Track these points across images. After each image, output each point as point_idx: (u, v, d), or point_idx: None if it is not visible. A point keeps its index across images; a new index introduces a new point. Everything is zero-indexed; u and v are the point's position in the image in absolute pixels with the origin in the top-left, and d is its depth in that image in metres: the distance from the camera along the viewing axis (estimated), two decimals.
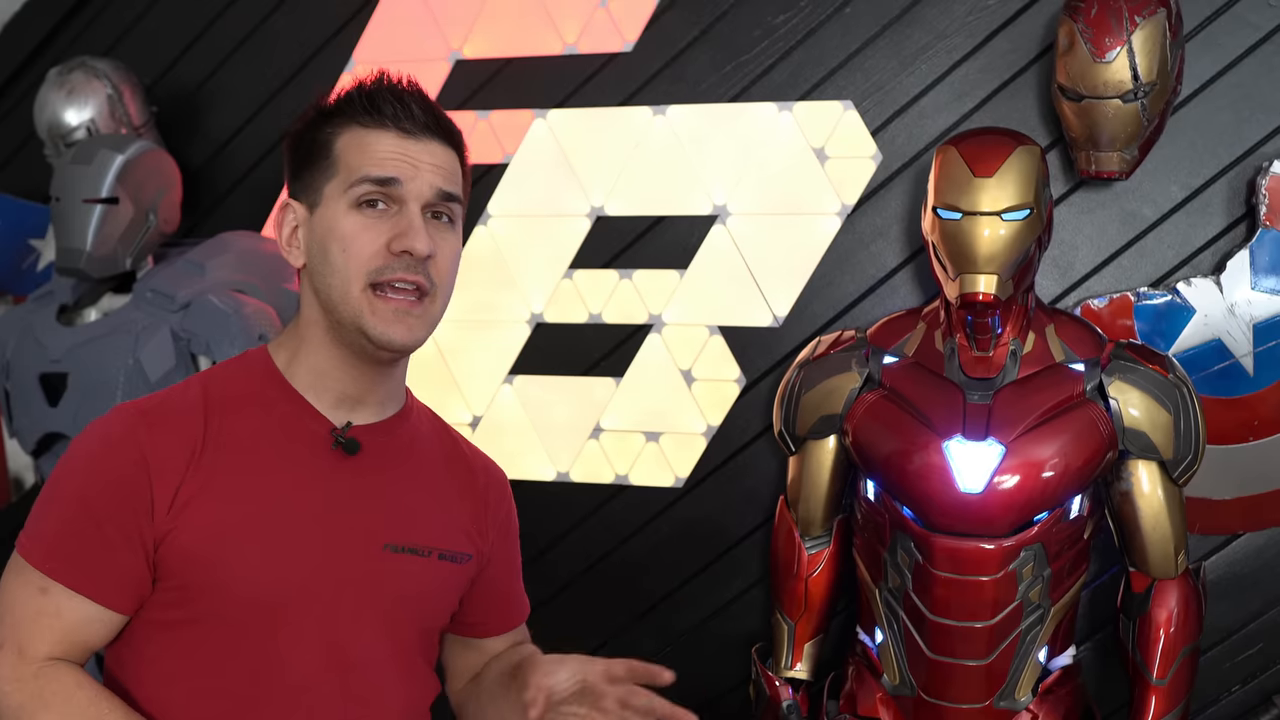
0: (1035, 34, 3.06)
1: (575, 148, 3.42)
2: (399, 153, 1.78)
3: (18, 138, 3.98)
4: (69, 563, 1.72)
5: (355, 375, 1.84)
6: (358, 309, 1.76)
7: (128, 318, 3.26)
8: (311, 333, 1.84)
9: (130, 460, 1.73)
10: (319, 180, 1.81)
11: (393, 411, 1.92)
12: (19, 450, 3.69)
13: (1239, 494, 2.95)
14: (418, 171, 1.78)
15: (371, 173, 1.76)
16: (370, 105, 1.80)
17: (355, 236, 1.76)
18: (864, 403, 2.77)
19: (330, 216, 1.78)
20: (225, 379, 1.87)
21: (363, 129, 1.79)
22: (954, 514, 2.60)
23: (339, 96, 1.84)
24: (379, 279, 1.75)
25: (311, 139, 1.83)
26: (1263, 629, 3.03)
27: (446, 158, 1.83)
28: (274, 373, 1.86)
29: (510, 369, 3.48)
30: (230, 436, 1.78)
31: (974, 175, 2.56)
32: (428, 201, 1.79)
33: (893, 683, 2.77)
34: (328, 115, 1.83)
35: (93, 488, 1.74)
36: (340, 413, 1.85)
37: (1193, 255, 2.99)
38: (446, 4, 3.53)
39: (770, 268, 3.27)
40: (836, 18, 3.21)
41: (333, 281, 1.77)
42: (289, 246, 1.85)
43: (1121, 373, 2.63)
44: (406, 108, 1.80)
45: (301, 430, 1.82)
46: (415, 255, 1.75)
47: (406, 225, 1.75)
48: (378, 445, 1.86)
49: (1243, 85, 2.94)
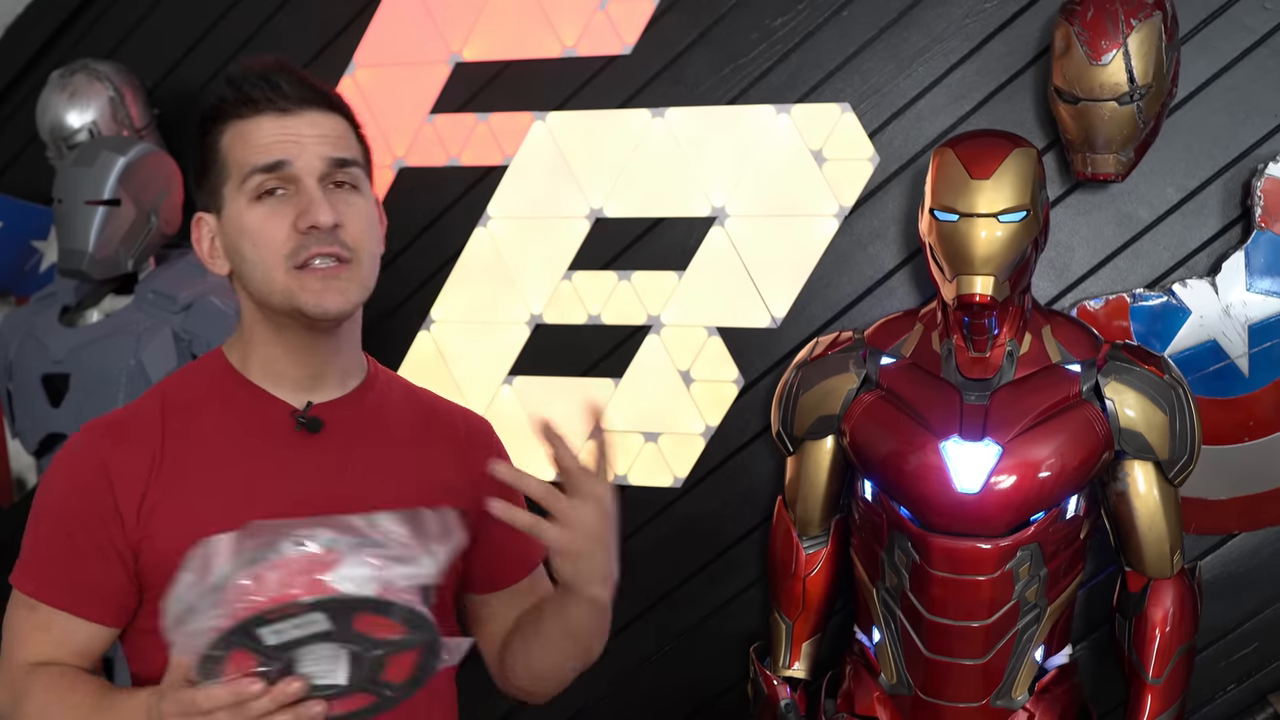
0: (1032, 37, 3.06)
1: (574, 150, 3.42)
2: (279, 133, 1.76)
3: (20, 140, 3.98)
4: (47, 581, 1.77)
5: (305, 357, 1.84)
6: (287, 292, 1.75)
7: (130, 319, 3.26)
8: (255, 331, 1.85)
9: (93, 474, 1.76)
10: (217, 185, 1.80)
11: (355, 384, 1.92)
12: (21, 451, 3.69)
13: (1234, 494, 2.95)
14: (303, 147, 1.76)
15: (258, 162, 1.75)
16: (241, 96, 1.78)
17: (261, 228, 1.76)
18: (861, 403, 2.76)
19: (235, 216, 1.78)
20: (183, 383, 1.90)
21: (241, 121, 1.78)
22: (951, 514, 2.60)
23: (213, 99, 1.83)
24: (297, 260, 1.74)
25: (201, 147, 1.83)
26: (1258, 628, 3.03)
27: (332, 124, 1.81)
28: (229, 370, 1.87)
29: (510, 370, 3.48)
30: (191, 437, 1.80)
31: (971, 177, 2.56)
32: (322, 173, 1.77)
33: (890, 682, 2.77)
34: (209, 120, 1.82)
35: (62, 504, 1.78)
36: (300, 395, 1.85)
37: (1188, 257, 2.99)
38: (446, 7, 3.52)
39: (768, 269, 3.27)
40: (834, 21, 3.21)
41: (256, 276, 1.78)
42: (211, 258, 1.84)
43: (1117, 373, 2.63)
44: (276, 86, 1.78)
45: (262, 418, 1.83)
46: (321, 228, 1.73)
47: (306, 202, 1.74)
48: (343, 418, 1.86)
49: (1238, 88, 2.94)
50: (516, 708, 3.35)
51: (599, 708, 3.46)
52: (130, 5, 3.87)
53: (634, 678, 3.45)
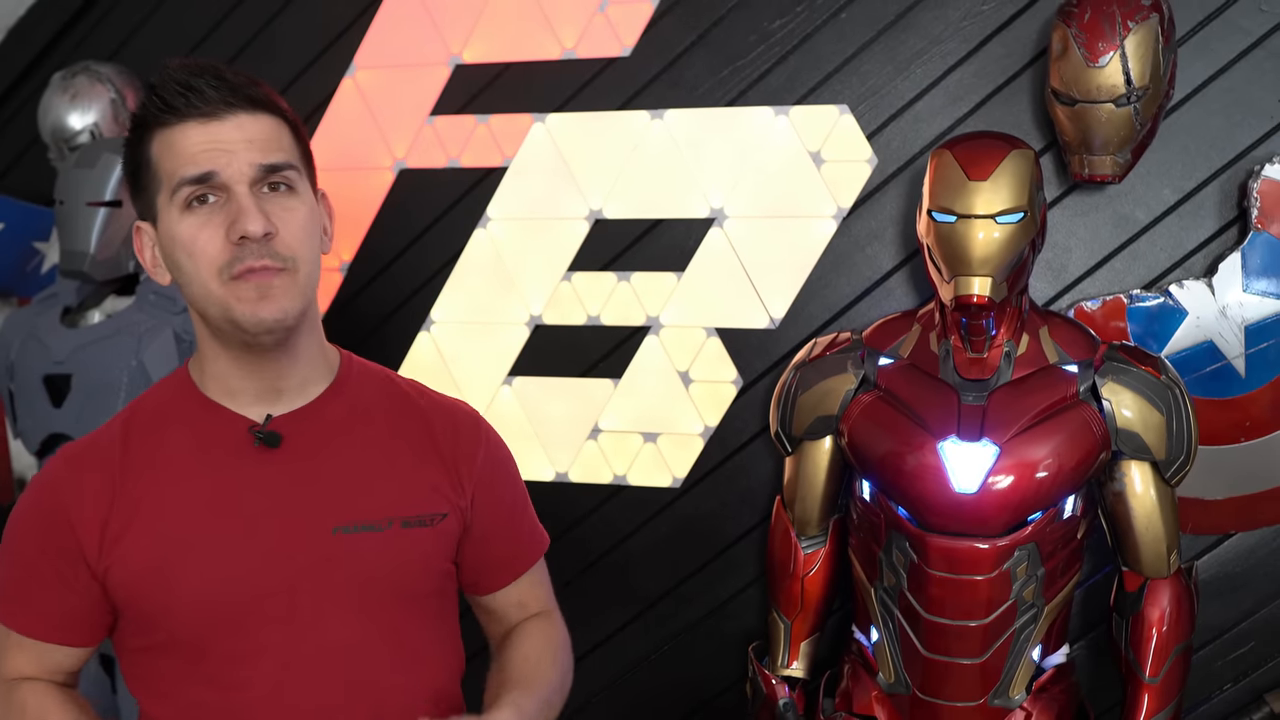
0: (1029, 39, 3.06)
1: (574, 151, 3.42)
2: (206, 142, 1.70)
3: (22, 141, 3.98)
4: (15, 609, 1.80)
5: (253, 369, 1.80)
6: (223, 303, 1.71)
7: (131, 319, 3.25)
8: (205, 346, 1.82)
9: (51, 509, 1.76)
10: (150, 195, 1.76)
11: (318, 392, 1.86)
12: (23, 451, 3.68)
13: (1231, 494, 2.95)
14: (232, 155, 1.70)
15: (186, 174, 1.70)
16: (163, 104, 1.72)
17: (194, 238, 1.70)
18: (859, 404, 2.76)
19: (168, 226, 1.73)
20: (150, 402, 1.88)
21: (166, 129, 1.72)
22: (949, 514, 2.60)
23: (138, 107, 1.78)
24: (232, 272, 1.69)
25: (133, 156, 1.78)
26: (1254, 628, 3.03)
27: (261, 127, 1.74)
28: (189, 386, 1.84)
29: (509, 370, 3.48)
30: (150, 460, 1.78)
31: (969, 179, 2.56)
32: (253, 179, 1.71)
33: (888, 681, 2.77)
34: (137, 128, 1.77)
35: (25, 536, 1.80)
36: (259, 408, 1.81)
37: (1185, 258, 2.99)
38: (446, 9, 3.52)
39: (767, 270, 3.27)
40: (832, 23, 3.21)
41: (193, 287, 1.73)
42: (154, 267, 1.80)
43: (1114, 374, 2.63)
44: (198, 92, 1.70)
45: (220, 435, 1.79)
46: (251, 238, 1.68)
47: (237, 211, 1.68)
48: (306, 430, 1.82)
49: (1234, 90, 2.94)
50: None
51: (598, 706, 3.46)
52: (132, 8, 3.87)
53: (633, 676, 3.45)
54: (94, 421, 3.13)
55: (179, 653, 1.76)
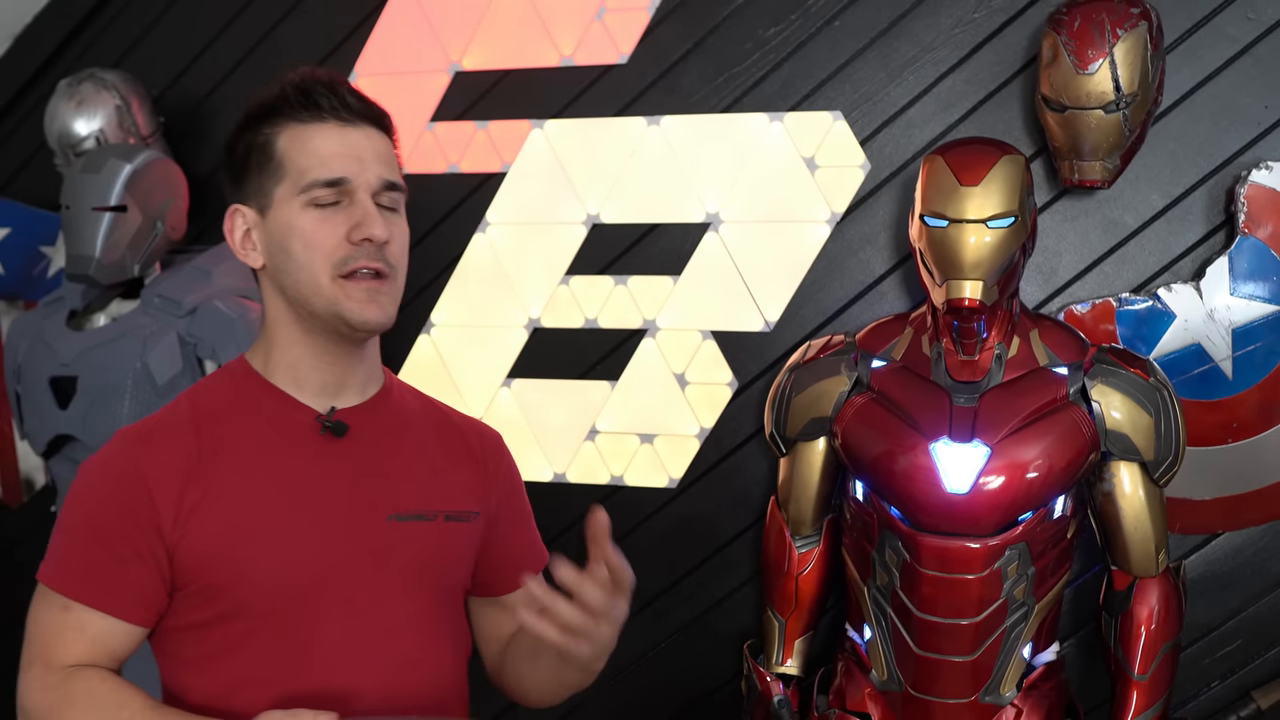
0: (1019, 46, 3.06)
1: (572, 157, 3.41)
2: (342, 147, 1.80)
3: (29, 147, 3.97)
4: (86, 582, 1.77)
5: (330, 362, 1.87)
6: (332, 298, 1.79)
7: (136, 323, 3.25)
8: (280, 331, 1.87)
9: (131, 481, 1.77)
10: (266, 184, 1.82)
11: (374, 392, 1.94)
12: (30, 452, 3.68)
13: (1218, 494, 2.95)
14: (363, 165, 1.80)
15: (320, 176, 1.78)
16: (306, 100, 1.82)
17: (315, 232, 1.78)
18: (853, 405, 2.76)
19: (286, 217, 1.80)
20: (211, 391, 1.92)
21: (301, 125, 1.81)
22: (940, 514, 2.59)
23: (271, 97, 1.85)
24: (345, 269, 1.78)
25: (250, 143, 1.85)
26: (1241, 626, 3.02)
27: (385, 145, 1.86)
28: (254, 376, 1.89)
29: (508, 373, 3.47)
30: (224, 442, 1.81)
31: (960, 184, 2.56)
32: (375, 190, 1.81)
33: (881, 678, 2.76)
34: (263, 117, 1.85)
35: (100, 511, 1.79)
36: (323, 400, 1.87)
37: (1173, 262, 2.99)
38: (446, 17, 3.52)
39: (761, 274, 3.27)
40: (826, 31, 3.21)
41: (300, 277, 1.80)
42: (244, 249, 1.86)
43: (1104, 376, 2.62)
44: (341, 98, 1.82)
45: (289, 422, 1.85)
46: (375, 241, 1.78)
47: (362, 215, 1.78)
48: (365, 424, 1.89)
49: (1222, 96, 2.94)
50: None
51: (595, 703, 3.45)
52: (136, 16, 3.87)
53: (630, 674, 3.44)
54: (99, 423, 3.16)
55: (237, 627, 1.78)
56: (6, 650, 4.18)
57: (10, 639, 4.21)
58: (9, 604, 4.06)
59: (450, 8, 3.52)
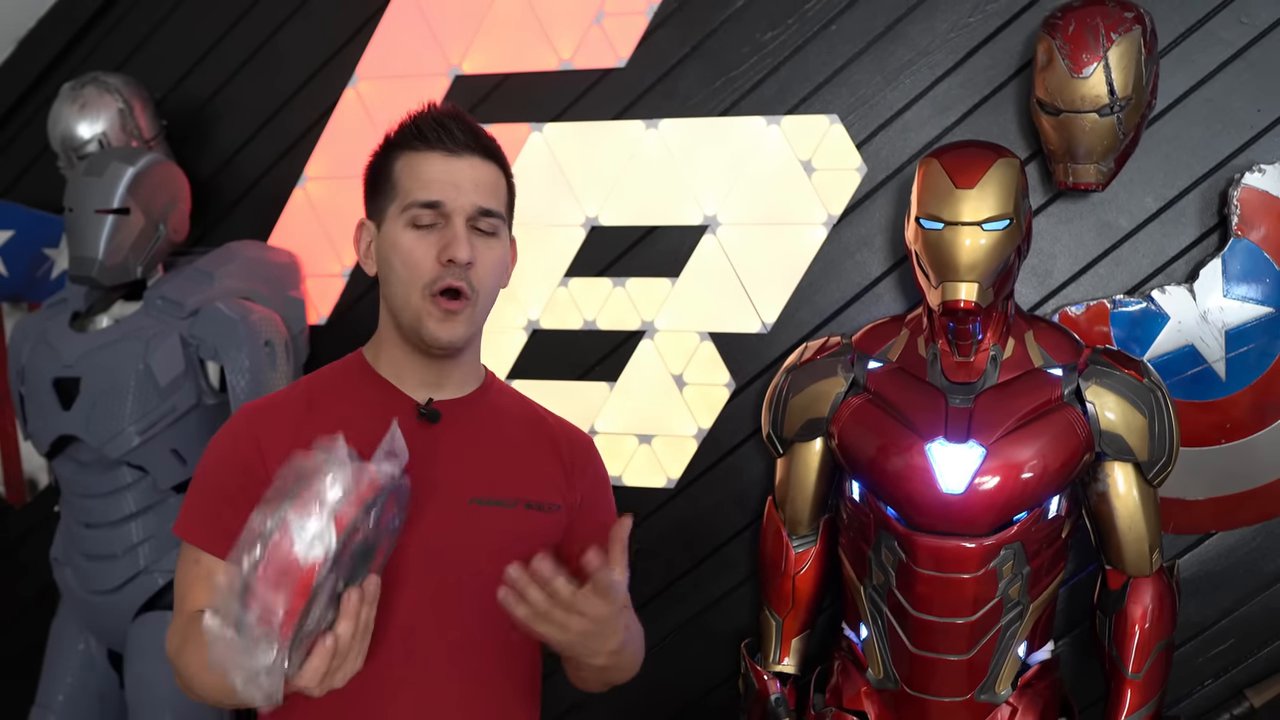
0: (1014, 50, 3.06)
1: (570, 160, 3.41)
2: (444, 173, 1.96)
3: (32, 150, 3.97)
4: (212, 534, 1.91)
5: (426, 364, 2.03)
6: (417, 314, 1.96)
7: (138, 324, 3.25)
8: (387, 333, 2.05)
9: (248, 443, 1.95)
10: (384, 203, 2.01)
11: (472, 389, 2.10)
12: (34, 452, 3.68)
13: (1211, 494, 2.95)
14: (460, 191, 1.96)
15: (420, 197, 1.95)
16: (417, 132, 1.99)
17: (411, 250, 1.95)
18: (849, 406, 2.76)
19: (392, 234, 1.98)
20: (325, 375, 2.11)
21: (414, 153, 1.98)
22: (936, 514, 2.59)
23: (397, 127, 2.03)
24: (434, 288, 1.94)
25: (378, 168, 2.04)
26: (1234, 625, 3.02)
27: (488, 172, 2.01)
28: (365, 366, 2.08)
29: (508, 374, 3.47)
30: (330, 416, 1.95)
31: (956, 187, 2.56)
32: (470, 215, 1.96)
33: (877, 676, 2.76)
34: (389, 147, 2.03)
35: (223, 470, 1.96)
36: (422, 393, 2.04)
37: (1167, 264, 2.99)
38: (446, 21, 3.52)
39: (759, 276, 3.27)
40: (822, 35, 3.21)
41: (397, 290, 1.98)
42: (366, 259, 2.06)
43: (1098, 377, 2.62)
44: (448, 130, 1.98)
45: (389, 405, 1.99)
46: (458, 262, 1.93)
47: (451, 237, 1.94)
48: (460, 415, 2.04)
49: (1215, 100, 2.94)
50: None
51: (594, 701, 3.45)
52: (139, 20, 3.87)
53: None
54: (102, 423, 3.16)
55: None
56: (12, 644, 4.19)
57: (16, 634, 4.23)
58: (14, 601, 4.07)
59: (450, 12, 3.52)
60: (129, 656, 3.24)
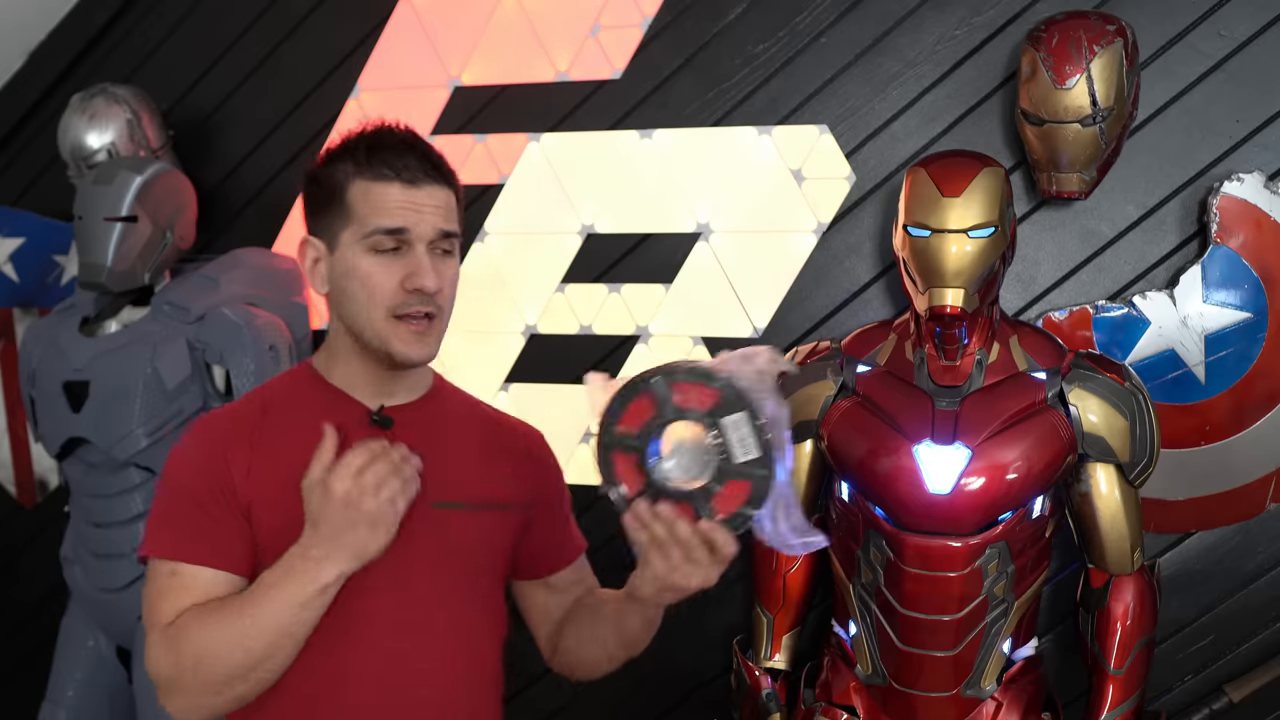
0: (999, 62, 3.06)
1: (567, 169, 3.41)
2: (405, 202, 1.90)
3: (43, 159, 3.97)
4: (186, 543, 1.85)
5: (380, 377, 1.98)
6: (382, 335, 1.91)
7: (146, 329, 3.25)
8: (341, 346, 1.99)
9: (209, 449, 1.90)
10: (335, 225, 1.93)
11: (423, 393, 2.06)
12: (44, 454, 3.67)
13: (1191, 495, 2.94)
14: (421, 217, 1.90)
15: (383, 224, 1.89)
16: (377, 162, 1.91)
17: (372, 275, 1.89)
18: (838, 409, 2.75)
19: (349, 259, 1.91)
20: (277, 386, 2.05)
21: (369, 183, 1.91)
22: (923, 514, 2.59)
23: (346, 143, 1.96)
24: (397, 312, 1.89)
25: (324, 184, 1.95)
26: (1214, 622, 3.02)
27: (444, 197, 1.95)
28: (316, 376, 2.01)
29: (506, 377, 3.47)
30: (283, 425, 1.93)
31: (942, 195, 2.55)
32: (431, 240, 1.91)
33: (865, 672, 2.76)
34: (337, 161, 1.95)
35: (188, 479, 1.89)
36: (374, 400, 1.98)
37: (1148, 270, 2.99)
38: (446, 34, 3.52)
39: (750, 282, 3.26)
40: (813, 47, 3.21)
41: (356, 311, 1.92)
42: (313, 275, 1.98)
43: (1081, 381, 2.62)
44: (405, 161, 1.92)
45: (341, 415, 1.93)
46: (426, 291, 1.89)
47: (416, 265, 1.89)
48: (412, 420, 1.99)
49: (1194, 110, 2.94)
50: (522, 688, 3.39)
51: (590, 697, 3.45)
52: (147, 33, 3.87)
53: (623, 668, 3.42)
54: (111, 426, 3.16)
55: None
56: (23, 640, 4.18)
57: (27, 631, 4.21)
58: (25, 599, 4.06)
59: (450, 25, 3.52)
60: (137, 653, 3.23)
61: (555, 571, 2.20)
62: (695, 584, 1.80)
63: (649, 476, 1.75)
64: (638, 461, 1.75)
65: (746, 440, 1.70)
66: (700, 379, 1.70)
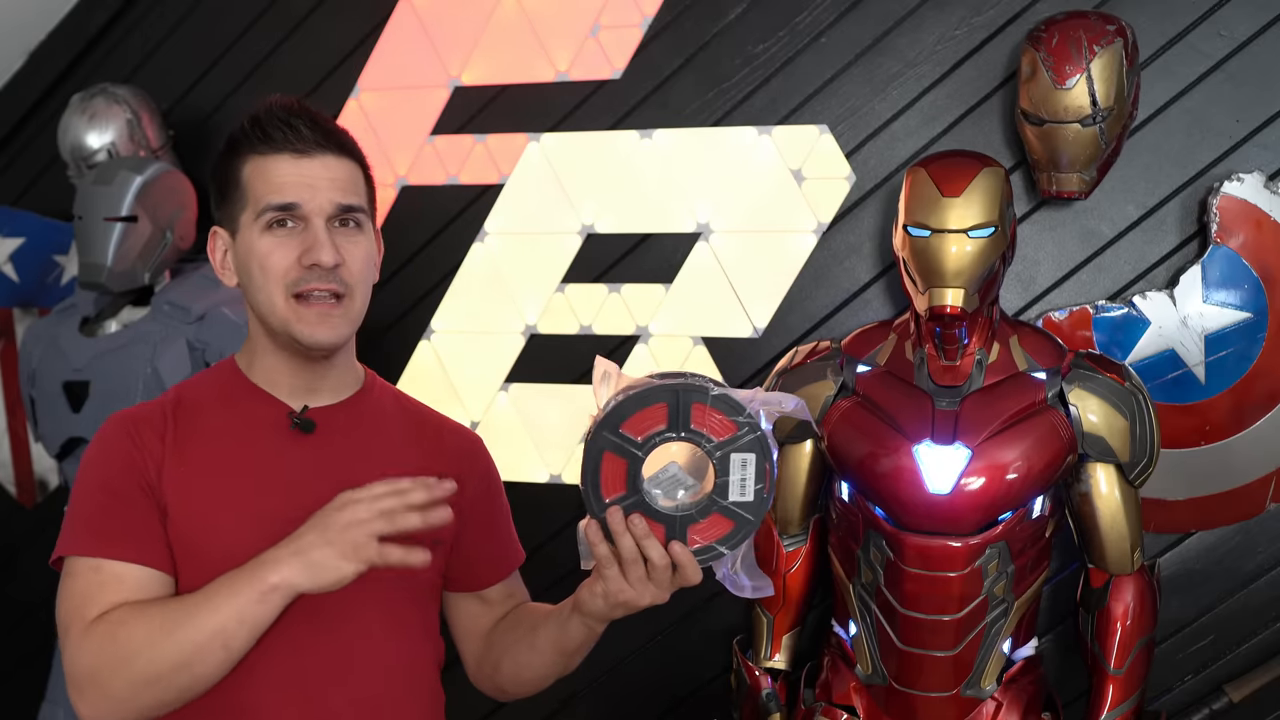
0: (999, 62, 3.05)
1: (567, 169, 3.40)
2: (296, 175, 1.84)
3: (43, 159, 3.97)
4: (110, 539, 1.78)
5: (299, 369, 1.91)
6: (284, 318, 1.84)
7: (146, 329, 3.25)
8: (258, 341, 1.93)
9: (127, 448, 1.83)
10: (235, 210, 1.88)
11: (349, 394, 1.98)
12: (44, 454, 3.67)
13: (1191, 495, 2.94)
14: (315, 191, 1.84)
15: (273, 200, 1.83)
16: (262, 134, 1.86)
17: (269, 254, 1.83)
18: (839, 409, 2.75)
19: (248, 241, 1.86)
20: (197, 384, 1.99)
21: (261, 157, 1.85)
22: (923, 514, 2.58)
23: (238, 129, 1.90)
24: (297, 290, 1.83)
25: (224, 172, 1.90)
26: (1214, 622, 3.02)
27: (342, 168, 1.88)
28: (237, 373, 1.95)
29: (506, 377, 3.46)
30: (198, 429, 1.87)
31: (942, 195, 2.55)
32: (330, 215, 1.84)
33: (865, 672, 2.75)
34: (233, 148, 1.90)
35: (107, 475, 1.83)
36: (296, 400, 1.92)
37: (1148, 270, 2.98)
38: (446, 34, 3.51)
39: (750, 282, 3.26)
40: (813, 47, 3.20)
41: (259, 297, 1.86)
42: (223, 269, 1.93)
43: (1081, 381, 2.61)
44: (295, 129, 1.85)
45: (262, 416, 1.90)
46: (323, 265, 1.82)
47: (312, 240, 1.82)
48: (336, 423, 1.93)
49: (1194, 110, 2.94)
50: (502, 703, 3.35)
51: (590, 696, 3.44)
52: (147, 33, 3.87)
53: (623, 668, 3.43)
54: None
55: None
56: (23, 639, 4.17)
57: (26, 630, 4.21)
58: (24, 598, 4.05)
59: (450, 25, 3.51)
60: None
61: (491, 585, 2.11)
62: (646, 602, 1.76)
63: (636, 487, 1.70)
64: (628, 468, 1.70)
65: (746, 482, 1.68)
66: (724, 408, 1.66)
